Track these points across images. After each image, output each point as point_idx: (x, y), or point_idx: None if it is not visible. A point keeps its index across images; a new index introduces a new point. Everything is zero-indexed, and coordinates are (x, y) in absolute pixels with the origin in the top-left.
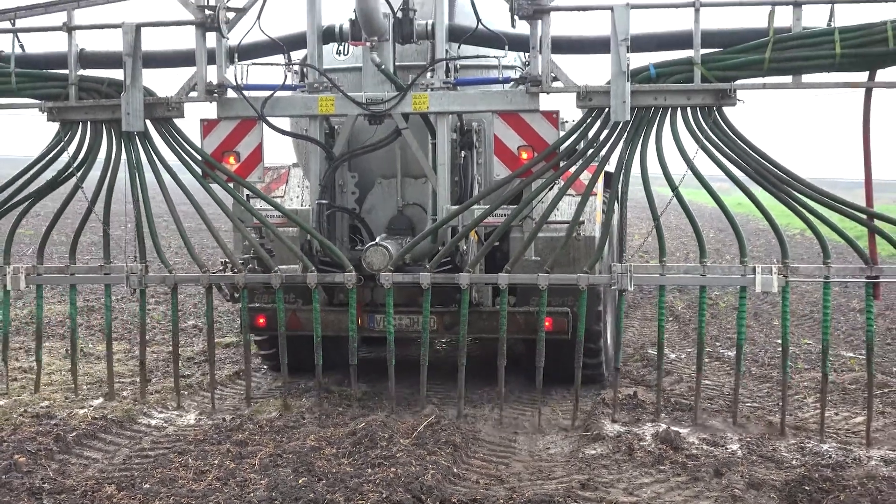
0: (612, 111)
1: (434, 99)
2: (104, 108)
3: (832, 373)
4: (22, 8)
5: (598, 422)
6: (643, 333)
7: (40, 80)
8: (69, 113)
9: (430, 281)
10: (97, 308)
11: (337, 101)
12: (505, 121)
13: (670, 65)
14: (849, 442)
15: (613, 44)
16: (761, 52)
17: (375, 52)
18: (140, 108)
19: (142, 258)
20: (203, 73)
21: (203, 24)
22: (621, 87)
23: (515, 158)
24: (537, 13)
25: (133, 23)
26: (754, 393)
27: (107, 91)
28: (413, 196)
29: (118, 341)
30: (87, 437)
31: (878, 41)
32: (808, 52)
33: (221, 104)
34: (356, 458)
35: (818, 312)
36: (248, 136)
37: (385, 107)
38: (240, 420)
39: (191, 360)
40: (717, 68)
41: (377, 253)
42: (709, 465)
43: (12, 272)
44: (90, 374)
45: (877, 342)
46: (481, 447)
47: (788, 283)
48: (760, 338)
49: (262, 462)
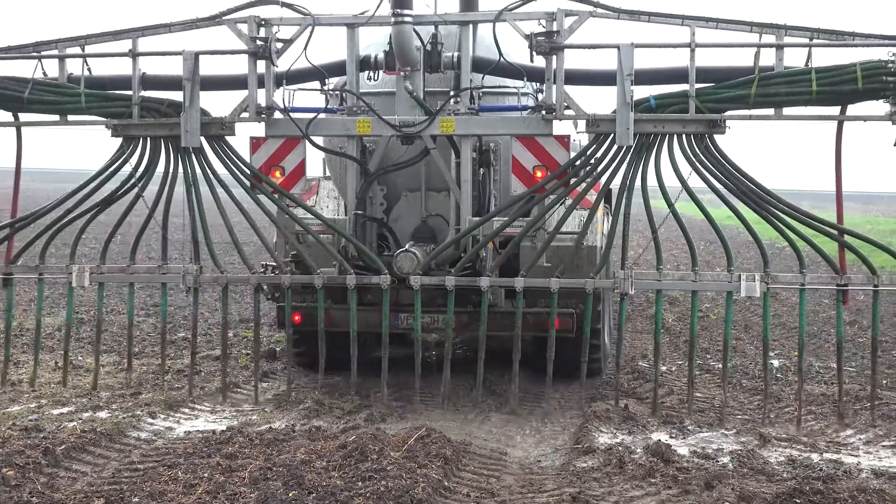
0: (618, 137)
1: (460, 123)
2: (163, 126)
3: (822, 385)
4: (92, 35)
5: (588, 434)
6: (634, 346)
7: (107, 99)
8: (132, 129)
9: (455, 283)
10: (87, 320)
11: (373, 123)
12: (522, 143)
13: (668, 97)
14: (840, 454)
15: (619, 78)
16: (748, 87)
17: (408, 81)
18: (197, 127)
19: (196, 260)
20: (254, 97)
21: (255, 53)
22: (626, 116)
23: (531, 177)
24: (553, 50)
25: (193, 51)
26: (745, 405)
27: (166, 111)
28: (435, 208)
29: (107, 353)
30: (75, 450)
31: (848, 80)
32: (789, 89)
33: (269, 124)
34: (346, 472)
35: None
36: (293, 152)
37: (416, 129)
38: (230, 433)
39: (180, 372)
40: (709, 101)
41: (407, 258)
42: (700, 477)
43: (78, 271)
44: (80, 387)
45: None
46: (472, 460)
47: (769, 289)
48: (751, 350)
49: (252, 475)
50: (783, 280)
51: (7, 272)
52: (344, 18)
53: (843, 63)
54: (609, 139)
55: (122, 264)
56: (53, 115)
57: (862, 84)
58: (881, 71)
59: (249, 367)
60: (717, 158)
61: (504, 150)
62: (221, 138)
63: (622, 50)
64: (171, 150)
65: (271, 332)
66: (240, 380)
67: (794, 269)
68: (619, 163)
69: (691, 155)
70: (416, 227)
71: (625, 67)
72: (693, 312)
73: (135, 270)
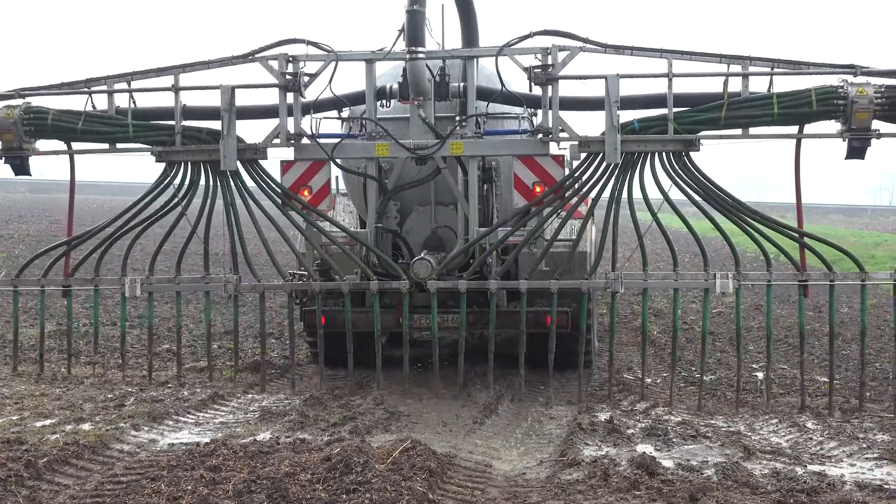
0: (607, 155)
1: (467, 145)
2: (203, 152)
3: (808, 397)
4: (138, 72)
5: (573, 447)
6: (619, 358)
7: (151, 129)
8: (174, 155)
9: (466, 287)
10: (83, 332)
11: (391, 147)
12: (522, 162)
13: (650, 120)
14: (824, 466)
15: (607, 104)
16: (718, 111)
17: (421, 109)
18: (234, 152)
19: (235, 270)
20: (284, 125)
21: (285, 86)
22: (613, 137)
23: (530, 192)
24: (548, 80)
25: (229, 85)
26: (729, 417)
27: (205, 138)
28: (443, 220)
29: (89, 365)
30: (58, 462)
31: (805, 104)
32: (754, 112)
33: (298, 148)
34: (331, 484)
35: (793, 337)
36: (319, 173)
37: (429, 151)
38: (214, 445)
39: (163, 384)
40: (685, 123)
41: (423, 265)
42: (684, 490)
43: (130, 282)
44: (63, 399)
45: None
46: (457, 472)
47: (740, 285)
48: (734, 362)
49: (236, 488)
50: (752, 277)
51: (66, 285)
52: (363, 55)
53: (800, 89)
54: (599, 157)
55: (167, 276)
56: (103, 143)
57: (816, 107)
58: (833, 95)
59: (234, 379)
60: (693, 172)
61: (505, 168)
62: (255, 162)
63: (609, 80)
64: (210, 173)
65: (255, 345)
66: (225, 392)
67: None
68: (609, 178)
69: (671, 170)
70: (427, 237)
71: (612, 95)
72: (675, 308)
73: (181, 281)
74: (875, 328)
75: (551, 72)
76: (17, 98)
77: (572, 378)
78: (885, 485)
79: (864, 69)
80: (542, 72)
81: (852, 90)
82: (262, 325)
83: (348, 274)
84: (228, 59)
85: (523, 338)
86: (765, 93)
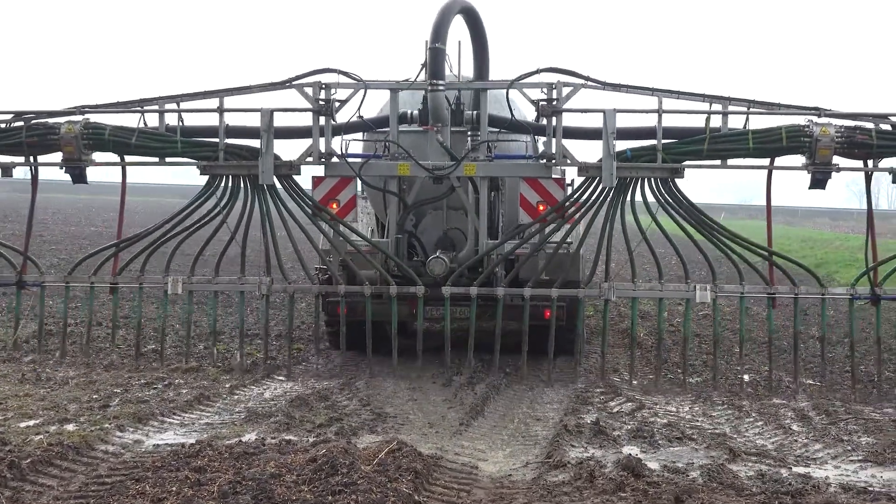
0: (604, 180)
1: (480, 167)
2: (243, 167)
3: (794, 400)
4: (187, 94)
5: (560, 448)
6: (606, 360)
7: (197, 146)
8: (217, 170)
9: (477, 292)
10: (55, 332)
11: (411, 166)
12: (528, 183)
13: (641, 150)
14: (809, 468)
15: (605, 135)
16: (701, 144)
17: (439, 134)
18: (271, 168)
19: (267, 273)
20: (317, 145)
21: (318, 110)
22: (609, 164)
23: (534, 210)
24: (553, 113)
25: (269, 108)
26: (714, 419)
27: (246, 155)
28: (454, 222)
29: (73, 365)
30: (42, 463)
31: (776, 140)
32: (731, 145)
33: (328, 166)
34: (317, 486)
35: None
36: (346, 189)
37: (445, 172)
38: (199, 446)
39: (149, 385)
40: (672, 153)
41: (438, 263)
42: (670, 492)
43: (172, 281)
44: (47, 399)
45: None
46: (443, 474)
47: (717, 296)
48: (722, 365)
49: (221, 489)
50: (727, 289)
51: (114, 283)
52: (389, 84)
53: (772, 126)
54: (596, 181)
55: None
56: (154, 157)
57: (786, 143)
58: (800, 133)
59: (219, 379)
60: (677, 196)
61: (509, 180)
62: (289, 177)
63: (607, 114)
64: (249, 186)
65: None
66: (211, 393)
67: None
68: (604, 199)
69: (658, 194)
70: (440, 237)
71: (609, 127)
72: (660, 315)
73: (218, 281)
74: (860, 331)
75: (556, 105)
76: (78, 114)
77: (563, 363)
78: (870, 487)
79: (827, 111)
80: (547, 105)
81: (817, 129)
82: (289, 321)
83: (369, 270)
84: (268, 84)
85: (525, 331)
86: (742, 129)
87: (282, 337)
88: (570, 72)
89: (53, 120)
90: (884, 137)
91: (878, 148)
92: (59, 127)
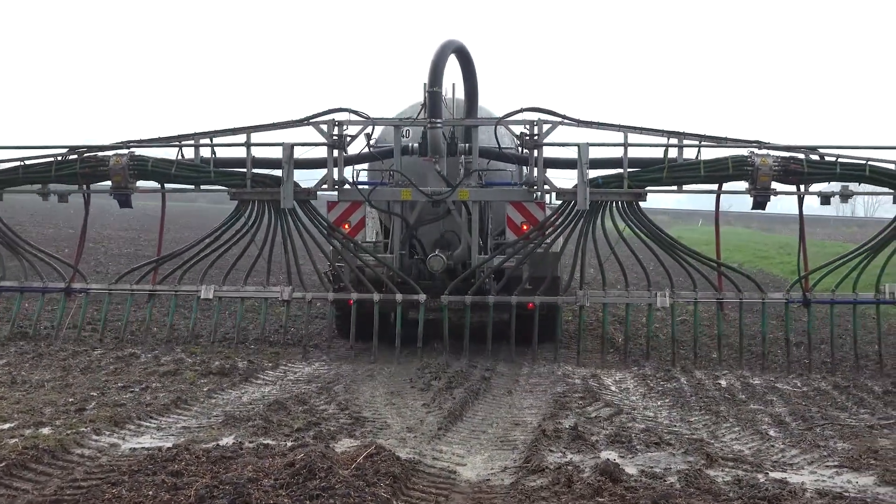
0: (578, 203)
1: (472, 192)
2: (267, 193)
3: (771, 405)
4: (219, 131)
5: (538, 453)
6: (584, 364)
7: (228, 175)
8: (245, 195)
9: (470, 300)
10: (30, 335)
11: (413, 192)
12: (513, 206)
13: (610, 177)
14: (785, 473)
15: (579, 165)
16: (661, 172)
17: (437, 164)
18: (291, 194)
19: (289, 282)
20: (331, 174)
21: (332, 144)
22: (583, 190)
23: (519, 229)
24: (535, 146)
25: (290, 143)
26: (692, 425)
27: (269, 182)
28: (449, 226)
29: (49, 368)
30: (17, 466)
31: (724, 168)
32: (686, 173)
33: (341, 192)
34: (294, 490)
35: (756, 346)
36: (357, 212)
37: (442, 196)
38: (176, 450)
39: (125, 388)
40: (636, 180)
41: (437, 260)
42: (647, 497)
43: (205, 289)
44: (23, 402)
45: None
46: (421, 479)
47: (674, 301)
48: (699, 373)
49: (198, 493)
50: (683, 296)
51: (153, 290)
52: (392, 121)
53: (720, 157)
54: (571, 204)
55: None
56: (190, 185)
57: (732, 171)
58: (744, 163)
59: (197, 383)
60: (640, 217)
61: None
62: (307, 202)
63: (581, 147)
64: (272, 210)
65: (219, 349)
66: (188, 397)
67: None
68: (578, 219)
69: (624, 215)
70: (437, 238)
71: (582, 158)
72: (626, 317)
73: (245, 290)
74: (837, 337)
75: (537, 139)
76: (124, 149)
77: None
78: (845, 492)
79: (766, 144)
80: (529, 139)
81: (757, 160)
82: (306, 322)
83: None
84: (288, 122)
85: (512, 323)
86: (695, 160)
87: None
88: (549, 111)
89: (103, 153)
90: (813, 166)
91: (808, 175)
92: (108, 159)
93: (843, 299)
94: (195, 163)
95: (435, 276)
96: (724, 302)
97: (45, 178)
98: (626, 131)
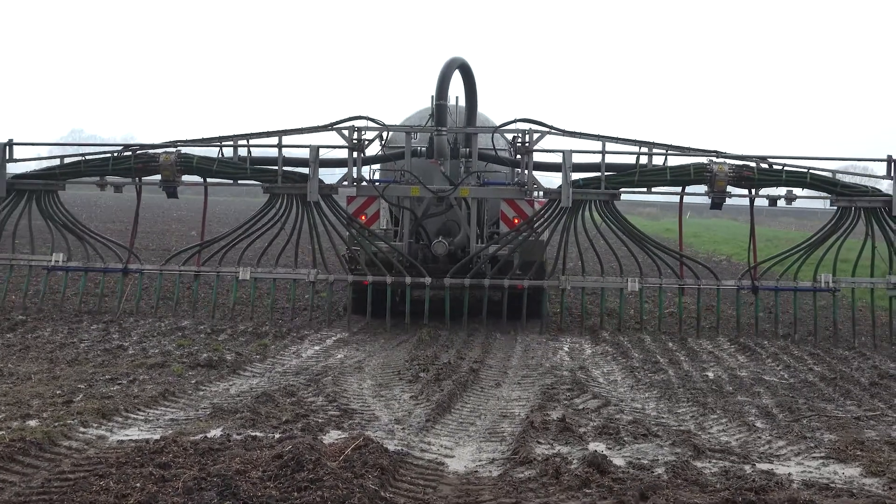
0: (562, 201)
1: (472, 190)
2: (296, 188)
3: (758, 397)
4: (254, 134)
5: (526, 445)
6: (573, 356)
7: (262, 172)
8: (276, 190)
9: (469, 283)
10: (7, 328)
11: (420, 189)
12: (507, 203)
13: (590, 180)
14: (772, 465)
15: (563, 169)
16: (633, 176)
17: (442, 166)
18: (316, 189)
19: (314, 265)
20: (351, 172)
21: (352, 147)
22: (567, 190)
23: (511, 222)
24: (526, 152)
25: (316, 145)
26: (679, 416)
27: (297, 179)
28: (451, 216)
29: (36, 361)
30: (3, 459)
31: (686, 174)
32: (655, 177)
33: (359, 188)
34: (282, 482)
35: (743, 336)
36: (372, 205)
37: (446, 193)
38: (163, 442)
39: (113, 380)
40: (612, 183)
41: (441, 245)
42: (634, 488)
43: (242, 270)
44: (10, 394)
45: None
46: (410, 470)
47: (643, 287)
48: (686, 365)
49: (186, 485)
50: (651, 282)
51: (197, 271)
52: (405, 128)
53: (684, 164)
54: (557, 202)
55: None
56: (229, 179)
57: (693, 176)
58: (703, 169)
59: (185, 375)
60: (615, 214)
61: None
62: (330, 196)
63: (565, 154)
64: (300, 203)
65: (207, 341)
66: (176, 389)
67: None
68: (562, 215)
69: (601, 212)
70: (439, 227)
71: (567, 163)
72: (602, 299)
73: (276, 271)
74: (824, 329)
75: (528, 146)
76: (172, 147)
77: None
78: (832, 483)
79: (723, 153)
80: (521, 146)
81: (715, 167)
82: (328, 302)
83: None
84: (315, 127)
85: (504, 301)
86: (662, 166)
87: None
88: (539, 122)
89: (153, 151)
90: (763, 173)
91: (758, 181)
92: (159, 156)
93: (785, 287)
94: (233, 161)
95: (438, 258)
96: (686, 287)
97: (103, 171)
98: (604, 140)
